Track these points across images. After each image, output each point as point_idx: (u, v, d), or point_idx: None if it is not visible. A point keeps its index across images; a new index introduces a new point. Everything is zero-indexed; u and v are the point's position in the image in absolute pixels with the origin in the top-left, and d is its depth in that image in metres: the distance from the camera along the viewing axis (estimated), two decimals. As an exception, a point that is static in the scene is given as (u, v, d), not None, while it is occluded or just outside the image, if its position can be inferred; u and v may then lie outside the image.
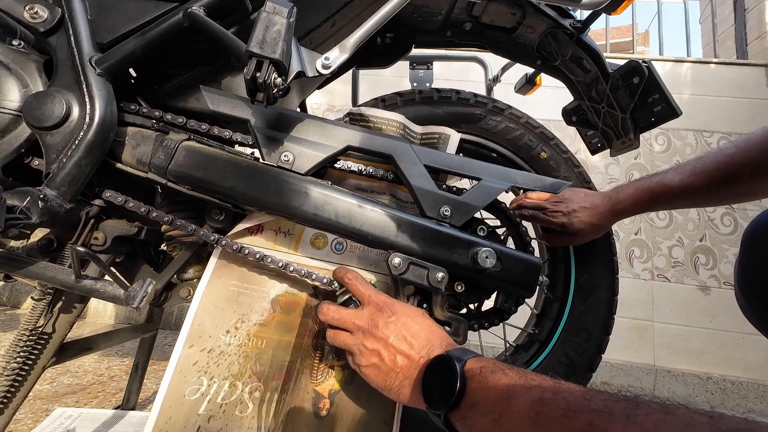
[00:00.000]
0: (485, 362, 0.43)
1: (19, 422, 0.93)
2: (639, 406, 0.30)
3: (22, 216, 0.46)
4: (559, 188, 0.62)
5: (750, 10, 2.35)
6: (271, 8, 0.46)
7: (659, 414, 0.28)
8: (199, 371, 0.54)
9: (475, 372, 0.42)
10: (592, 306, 0.77)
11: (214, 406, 0.53)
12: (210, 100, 0.56)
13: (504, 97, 1.04)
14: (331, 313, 0.53)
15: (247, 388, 0.55)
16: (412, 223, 0.56)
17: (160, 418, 0.51)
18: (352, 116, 0.70)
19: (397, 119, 0.71)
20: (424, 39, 0.81)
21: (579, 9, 0.64)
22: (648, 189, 0.69)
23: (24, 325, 0.62)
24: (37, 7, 0.52)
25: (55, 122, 0.50)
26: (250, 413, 0.54)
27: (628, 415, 0.29)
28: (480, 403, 0.39)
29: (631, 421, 0.28)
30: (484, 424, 0.38)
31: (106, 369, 1.35)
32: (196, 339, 0.55)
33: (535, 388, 0.37)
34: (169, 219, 0.56)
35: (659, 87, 0.66)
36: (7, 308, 1.99)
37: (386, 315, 0.50)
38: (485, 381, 0.40)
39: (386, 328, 0.49)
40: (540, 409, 0.34)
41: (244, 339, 0.57)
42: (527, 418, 0.34)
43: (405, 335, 0.49)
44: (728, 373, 1.84)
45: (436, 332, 0.50)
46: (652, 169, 2.07)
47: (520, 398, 0.36)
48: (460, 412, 0.40)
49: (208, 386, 0.54)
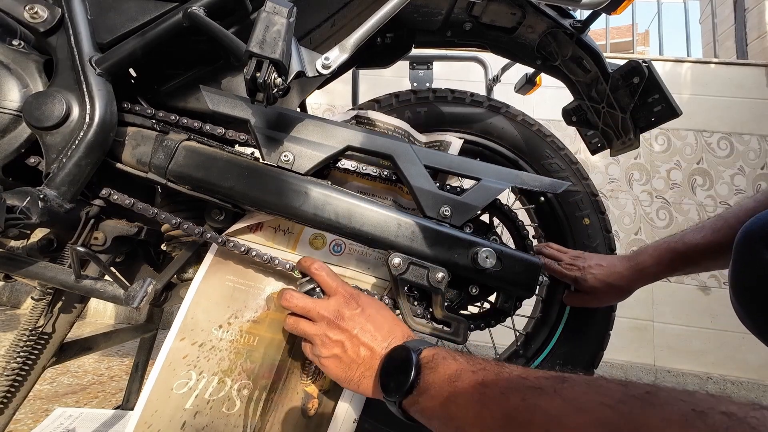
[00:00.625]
0: (438, 350, 0.44)
1: (19, 422, 0.93)
2: (565, 380, 0.33)
3: (22, 216, 0.46)
4: (559, 188, 0.62)
5: (750, 10, 2.35)
6: (271, 8, 0.46)
7: (582, 387, 0.31)
8: (189, 365, 0.53)
9: (429, 359, 0.43)
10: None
11: (201, 401, 0.52)
12: (210, 100, 0.56)
13: (504, 97, 1.04)
14: (295, 300, 0.52)
15: (236, 385, 0.54)
16: (411, 223, 0.56)
17: (146, 410, 0.50)
18: (359, 119, 0.71)
19: (402, 126, 0.71)
20: (424, 39, 0.81)
21: (579, 9, 0.64)
22: (668, 248, 0.68)
23: (24, 325, 0.62)
24: (37, 7, 0.52)
25: (55, 122, 0.50)
26: (237, 411, 0.53)
27: (555, 389, 0.32)
28: (430, 388, 0.41)
29: (558, 394, 0.31)
30: (433, 407, 0.40)
31: (106, 369, 1.35)
32: (188, 332, 0.55)
33: (479, 371, 0.39)
34: (177, 222, 0.56)
35: (659, 87, 0.66)
36: (7, 308, 1.99)
37: (352, 306, 0.51)
38: (436, 367, 0.42)
39: (352, 319, 0.50)
40: (483, 390, 0.37)
41: (236, 335, 0.56)
42: (471, 399, 0.37)
43: (370, 328, 0.49)
44: (728, 373, 1.84)
45: (399, 325, 0.51)
46: (651, 169, 2.07)
47: (466, 381, 0.38)
48: (413, 398, 0.42)
49: (196, 381, 0.53)
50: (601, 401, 0.28)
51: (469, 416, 0.36)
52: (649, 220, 2.02)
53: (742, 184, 2.03)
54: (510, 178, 0.61)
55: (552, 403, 0.31)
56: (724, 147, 2.07)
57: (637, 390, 0.28)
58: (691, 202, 2.03)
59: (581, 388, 0.31)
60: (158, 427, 0.50)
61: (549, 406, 0.31)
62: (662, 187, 2.06)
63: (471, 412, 0.36)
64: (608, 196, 2.05)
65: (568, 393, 0.31)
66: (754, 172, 2.04)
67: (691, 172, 2.06)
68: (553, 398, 0.31)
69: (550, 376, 0.35)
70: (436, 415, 0.39)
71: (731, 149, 2.06)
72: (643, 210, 2.04)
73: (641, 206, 2.05)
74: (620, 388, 0.29)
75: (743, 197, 0.66)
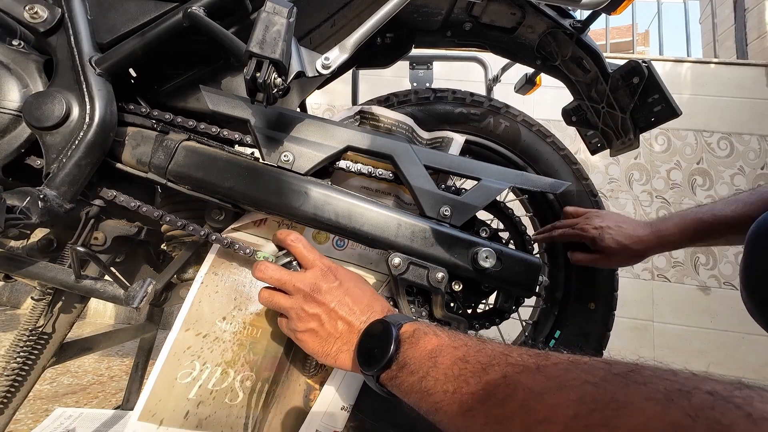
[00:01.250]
0: (420, 325, 0.43)
1: (19, 422, 0.93)
2: (549, 357, 0.32)
3: (22, 216, 0.46)
4: (559, 188, 0.62)
5: (750, 10, 2.35)
6: (271, 8, 0.46)
7: (566, 364, 0.30)
8: (193, 356, 0.54)
9: (409, 334, 0.42)
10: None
11: (204, 392, 0.53)
12: (210, 100, 0.56)
13: (504, 97, 1.04)
14: (270, 271, 0.50)
15: (239, 377, 0.54)
16: (412, 223, 0.56)
17: (151, 399, 0.51)
18: (363, 114, 0.71)
19: (406, 122, 0.71)
20: (424, 39, 0.81)
21: (579, 9, 0.64)
22: (695, 219, 0.66)
23: (24, 325, 0.62)
24: (37, 7, 0.52)
25: (55, 122, 0.50)
26: (240, 402, 0.54)
27: (538, 366, 0.31)
28: (408, 363, 0.40)
29: (541, 372, 0.30)
30: (411, 382, 0.39)
31: (106, 369, 1.35)
32: (193, 323, 0.55)
33: (461, 347, 0.38)
34: (183, 224, 0.56)
35: (659, 87, 0.66)
36: (7, 308, 1.99)
37: (330, 280, 0.49)
38: (416, 341, 0.41)
39: (329, 293, 0.48)
40: (463, 365, 0.36)
41: (240, 327, 0.57)
42: (450, 375, 0.36)
43: (348, 301, 0.48)
44: (728, 374, 1.84)
45: (378, 299, 0.50)
46: (651, 169, 2.07)
47: (446, 356, 0.38)
48: (391, 371, 0.41)
49: (200, 371, 0.53)
50: (585, 379, 0.27)
51: (448, 390, 0.35)
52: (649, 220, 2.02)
53: (742, 184, 2.03)
54: (510, 178, 0.61)
55: (534, 379, 0.30)
56: (724, 147, 2.07)
57: (620, 368, 0.27)
58: (691, 202, 2.03)
59: (564, 366, 0.30)
60: (162, 415, 0.50)
61: (531, 382, 0.30)
62: (662, 187, 2.06)
63: (450, 386, 0.35)
64: (608, 196, 2.06)
65: (551, 371, 0.30)
66: (754, 172, 2.04)
67: (691, 172, 2.06)
68: (536, 375, 0.30)
69: (533, 353, 0.34)
70: (414, 390, 0.38)
71: (731, 149, 2.06)
72: (643, 210, 2.04)
73: (641, 206, 2.05)
74: (604, 366, 0.28)
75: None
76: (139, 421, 0.49)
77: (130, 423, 0.49)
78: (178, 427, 0.50)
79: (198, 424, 0.51)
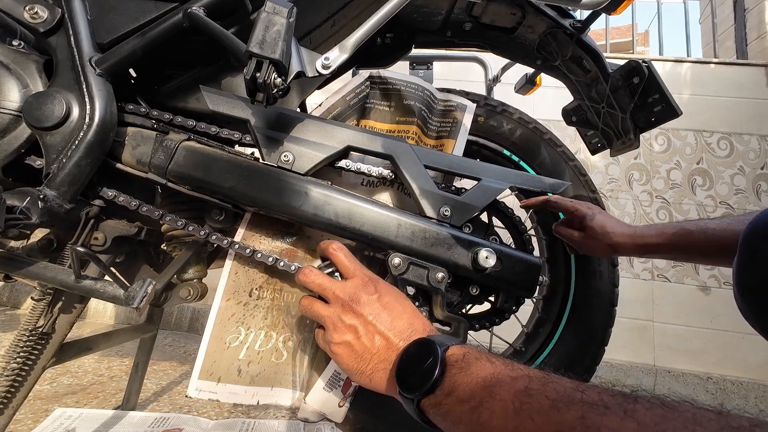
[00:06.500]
0: (469, 349, 0.40)
1: (19, 422, 0.93)
2: (638, 400, 0.27)
3: (22, 216, 0.46)
4: (559, 188, 0.62)
5: (750, 10, 2.35)
6: (271, 8, 0.46)
7: (660, 410, 0.26)
8: (237, 322, 0.58)
9: (458, 357, 0.39)
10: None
11: (252, 352, 0.57)
12: (210, 100, 0.56)
13: (504, 97, 1.04)
14: (313, 276, 0.49)
15: (281, 338, 0.59)
16: (411, 223, 0.56)
17: (206, 360, 0.55)
18: (373, 80, 0.71)
19: (417, 82, 0.71)
20: (424, 39, 0.81)
21: (579, 9, 0.64)
22: (678, 226, 0.67)
23: (24, 325, 0.62)
24: (37, 8, 0.52)
25: (55, 122, 0.50)
26: (285, 360, 0.58)
27: (625, 410, 0.27)
28: (458, 390, 0.36)
29: (629, 416, 0.26)
30: (460, 411, 0.35)
31: (106, 369, 1.35)
32: (232, 293, 0.58)
33: (522, 378, 0.34)
34: (183, 224, 0.56)
35: (659, 87, 0.66)
36: (7, 308, 1.99)
37: (370, 291, 0.47)
38: (467, 367, 0.37)
39: (368, 304, 0.46)
40: (525, 399, 0.32)
41: (276, 293, 0.60)
42: (510, 409, 0.32)
43: (387, 315, 0.46)
44: (728, 373, 1.84)
45: (419, 317, 0.47)
46: (651, 169, 2.07)
47: (505, 387, 0.34)
48: (435, 397, 0.37)
49: (245, 335, 0.58)
50: (694, 430, 0.23)
51: (507, 427, 0.31)
52: (649, 220, 2.02)
53: (742, 184, 2.03)
54: (510, 178, 0.61)
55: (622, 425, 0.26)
56: (724, 147, 2.07)
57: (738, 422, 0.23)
58: (691, 202, 2.03)
59: (660, 411, 0.26)
60: (219, 374, 0.55)
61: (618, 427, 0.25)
62: (662, 187, 2.06)
63: (510, 422, 0.31)
64: (608, 196, 2.06)
65: (644, 417, 0.25)
66: (754, 172, 2.04)
67: (691, 172, 2.06)
68: (624, 421, 0.26)
69: (614, 393, 0.29)
70: (464, 420, 0.35)
71: (731, 149, 2.06)
72: (643, 210, 2.05)
73: (641, 206, 2.05)
74: (715, 417, 0.24)
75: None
76: (200, 379, 0.55)
77: (192, 381, 0.54)
78: (233, 383, 0.55)
79: (251, 381, 0.56)
